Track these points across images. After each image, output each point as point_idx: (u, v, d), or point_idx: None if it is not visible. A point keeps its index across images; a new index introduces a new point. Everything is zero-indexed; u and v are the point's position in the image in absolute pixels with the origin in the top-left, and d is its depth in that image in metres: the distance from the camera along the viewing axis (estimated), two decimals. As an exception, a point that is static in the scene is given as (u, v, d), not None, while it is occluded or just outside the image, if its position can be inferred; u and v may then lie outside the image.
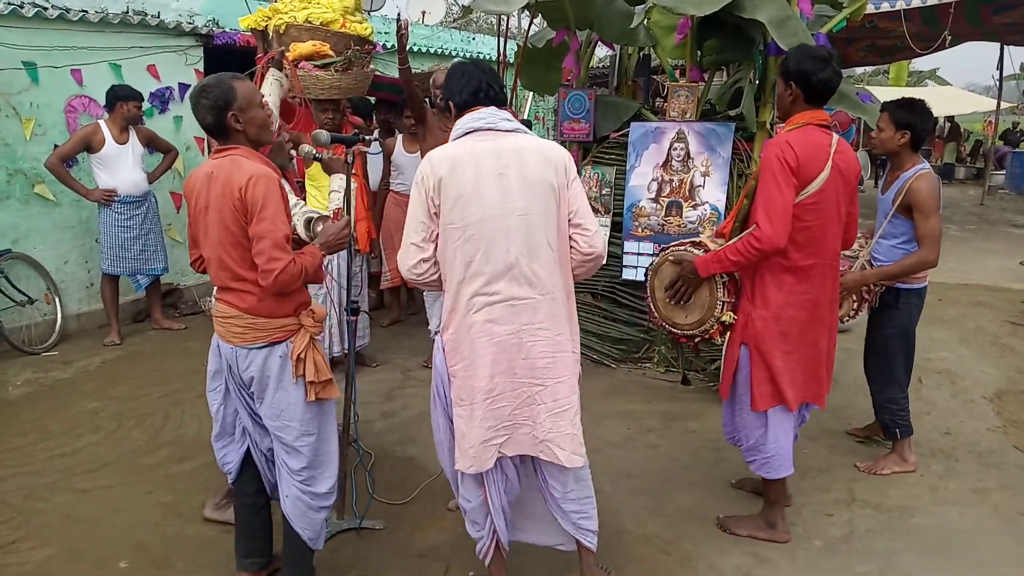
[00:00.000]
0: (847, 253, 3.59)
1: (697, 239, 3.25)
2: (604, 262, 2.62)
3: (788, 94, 2.89)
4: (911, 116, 3.40)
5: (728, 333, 3.08)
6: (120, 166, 5.48)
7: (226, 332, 2.51)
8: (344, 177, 3.02)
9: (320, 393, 2.53)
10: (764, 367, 2.95)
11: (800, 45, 3.15)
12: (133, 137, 5.56)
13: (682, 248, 3.17)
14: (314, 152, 3.09)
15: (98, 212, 5.56)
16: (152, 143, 5.77)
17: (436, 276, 2.47)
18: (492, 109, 2.47)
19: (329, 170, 3.28)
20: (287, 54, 4.02)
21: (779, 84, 2.95)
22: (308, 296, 2.61)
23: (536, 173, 2.38)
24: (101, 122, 5.47)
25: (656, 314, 3.27)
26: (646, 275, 3.29)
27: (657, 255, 3.30)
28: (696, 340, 3.18)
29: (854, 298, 3.55)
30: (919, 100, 3.45)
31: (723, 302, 3.03)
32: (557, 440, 2.43)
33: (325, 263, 3.22)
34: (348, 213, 2.92)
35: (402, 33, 4.45)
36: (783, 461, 3.04)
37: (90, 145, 5.38)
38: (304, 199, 3.47)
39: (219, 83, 2.42)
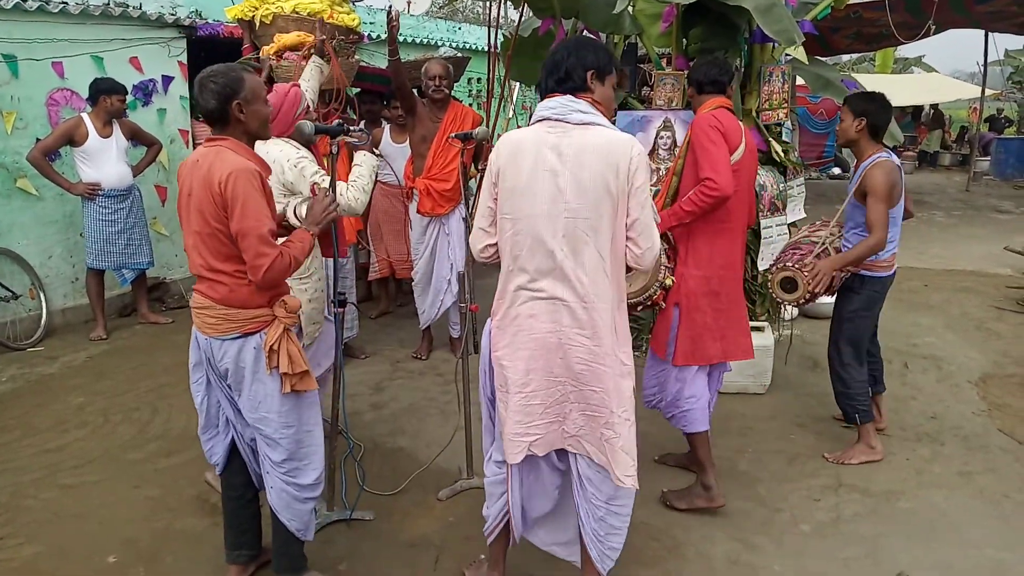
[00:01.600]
0: (812, 239, 3.68)
1: None
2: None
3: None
4: (867, 104, 3.56)
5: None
6: (104, 160, 5.43)
7: (201, 323, 2.50)
8: (367, 154, 3.22)
9: (296, 385, 2.50)
10: (691, 325, 3.19)
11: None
12: (117, 130, 5.50)
13: None
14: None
15: (82, 206, 5.51)
16: (136, 136, 5.71)
17: None
18: (567, 98, 2.33)
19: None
20: (327, 42, 4.17)
21: None
22: (285, 287, 2.60)
23: (592, 175, 2.24)
24: (84, 115, 5.41)
25: None
26: None
27: None
28: (639, 308, 3.28)
29: (832, 279, 3.59)
30: (878, 92, 3.61)
31: (665, 267, 3.18)
32: (587, 438, 2.39)
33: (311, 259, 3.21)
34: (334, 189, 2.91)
35: (393, 24, 4.42)
36: (700, 415, 3.25)
37: (73, 138, 5.32)
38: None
39: (229, 70, 2.43)
